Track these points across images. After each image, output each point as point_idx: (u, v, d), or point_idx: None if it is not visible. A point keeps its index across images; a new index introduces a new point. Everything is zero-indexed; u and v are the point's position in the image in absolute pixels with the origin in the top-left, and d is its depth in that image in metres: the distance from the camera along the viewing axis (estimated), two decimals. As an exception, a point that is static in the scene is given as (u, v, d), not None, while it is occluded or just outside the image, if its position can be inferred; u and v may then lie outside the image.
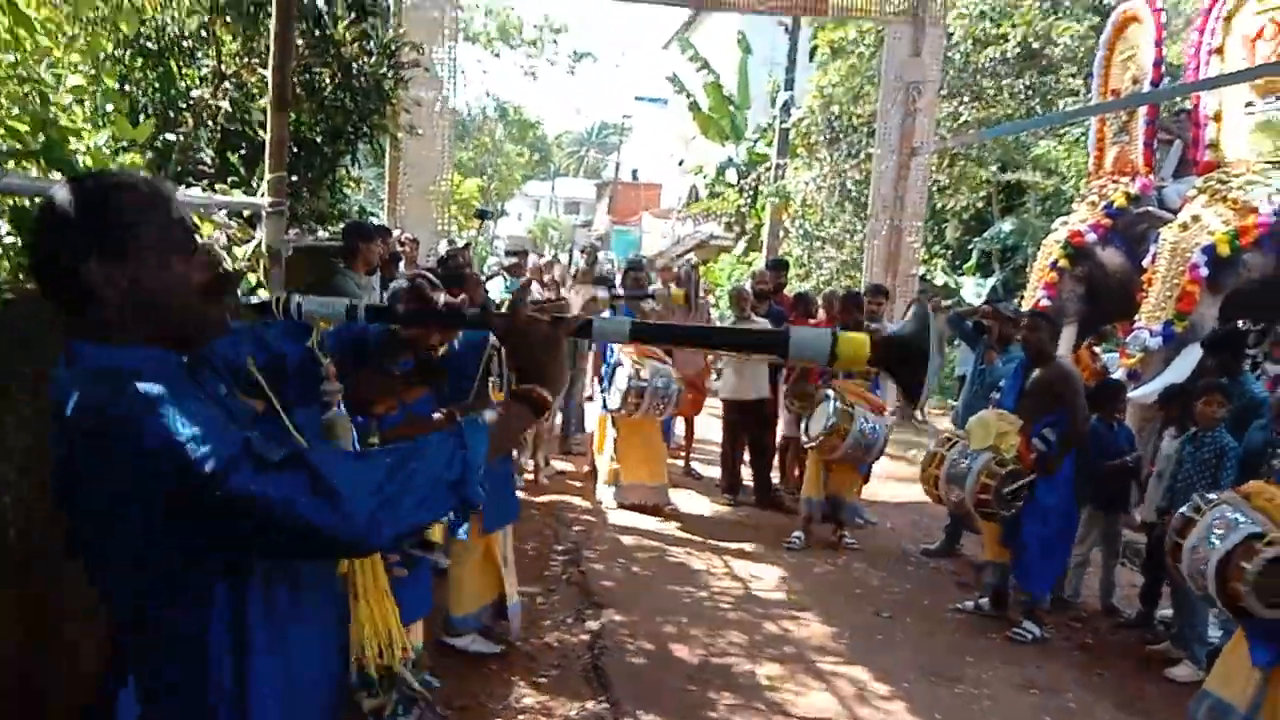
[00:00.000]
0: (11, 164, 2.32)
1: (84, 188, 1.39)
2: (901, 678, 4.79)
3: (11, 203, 2.44)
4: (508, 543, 4.80)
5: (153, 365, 1.35)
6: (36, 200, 2.36)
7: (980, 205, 16.78)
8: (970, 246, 16.89)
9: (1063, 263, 8.89)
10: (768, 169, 17.84)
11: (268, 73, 4.54)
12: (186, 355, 1.46)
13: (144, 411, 1.26)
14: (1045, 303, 8.75)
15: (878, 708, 4.47)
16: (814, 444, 6.62)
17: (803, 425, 6.85)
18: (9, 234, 2.27)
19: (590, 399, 9.64)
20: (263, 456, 1.27)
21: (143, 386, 1.29)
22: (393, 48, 6.09)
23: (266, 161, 4.30)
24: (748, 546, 6.85)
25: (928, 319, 1.54)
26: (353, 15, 5.52)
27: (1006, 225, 16.06)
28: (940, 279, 16.84)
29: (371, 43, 5.84)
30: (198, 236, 1.48)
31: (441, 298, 2.85)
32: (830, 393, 6.60)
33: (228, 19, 5.19)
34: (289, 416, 1.66)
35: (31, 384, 2.16)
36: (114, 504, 1.30)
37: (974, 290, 15.72)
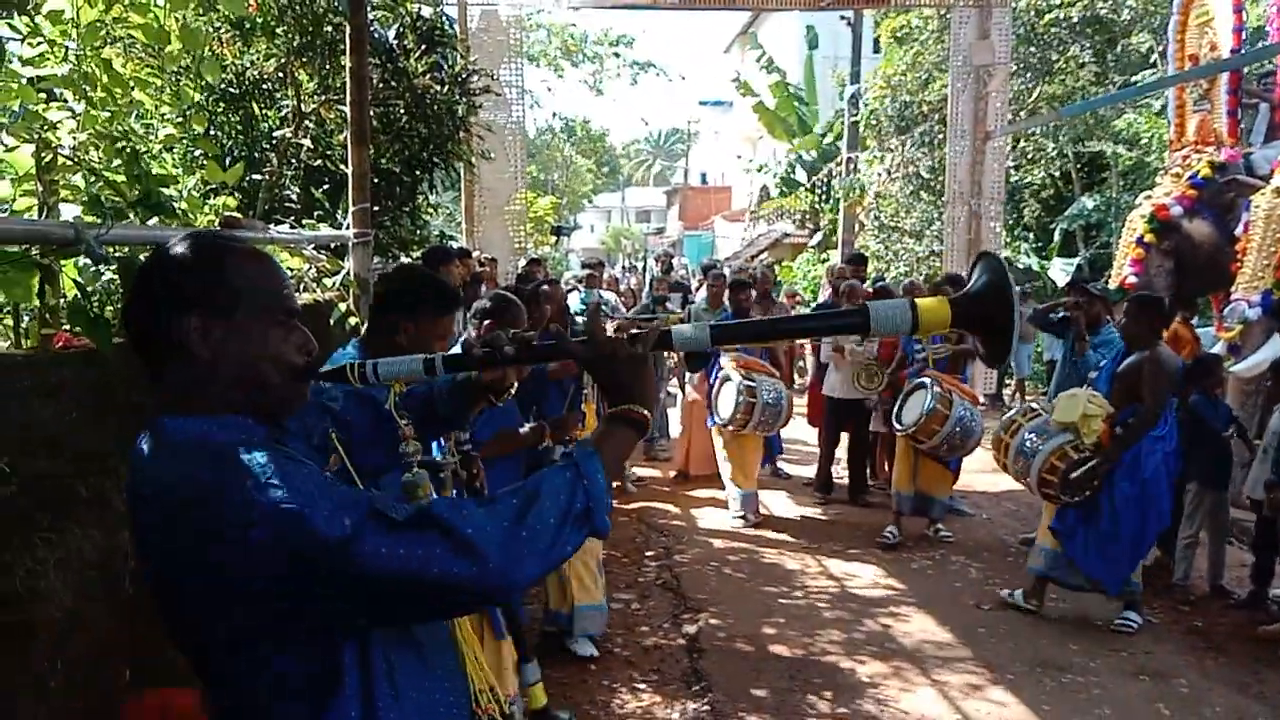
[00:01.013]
0: (113, 215, 2.48)
1: (202, 243, 1.39)
2: (1007, 670, 4.72)
3: (116, 252, 2.59)
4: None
5: (242, 434, 1.31)
6: (137, 249, 2.50)
7: (1059, 183, 16.38)
8: (1052, 227, 16.49)
9: (1149, 238, 8.65)
10: (838, 164, 17.70)
11: (345, 109, 4.71)
12: (274, 424, 1.43)
13: (248, 482, 1.21)
14: (1133, 280, 8.53)
15: (983, 701, 4.42)
16: (909, 431, 6.47)
17: (894, 415, 6.74)
18: (118, 284, 2.41)
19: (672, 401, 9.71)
20: (390, 516, 1.24)
21: (244, 456, 1.24)
22: (463, 75, 6.25)
23: (350, 194, 4.46)
24: (840, 545, 6.82)
25: (1001, 267, 1.49)
26: (423, 47, 5.68)
27: (1089, 202, 15.63)
28: (1024, 262, 16.48)
29: (442, 72, 5.99)
30: (297, 319, 1.46)
31: (509, 332, 2.88)
32: (926, 380, 6.50)
33: (304, 59, 5.39)
34: (364, 483, 1.65)
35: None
36: (215, 588, 1.23)
37: (1061, 271, 15.34)
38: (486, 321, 3.67)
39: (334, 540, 1.19)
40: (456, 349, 1.77)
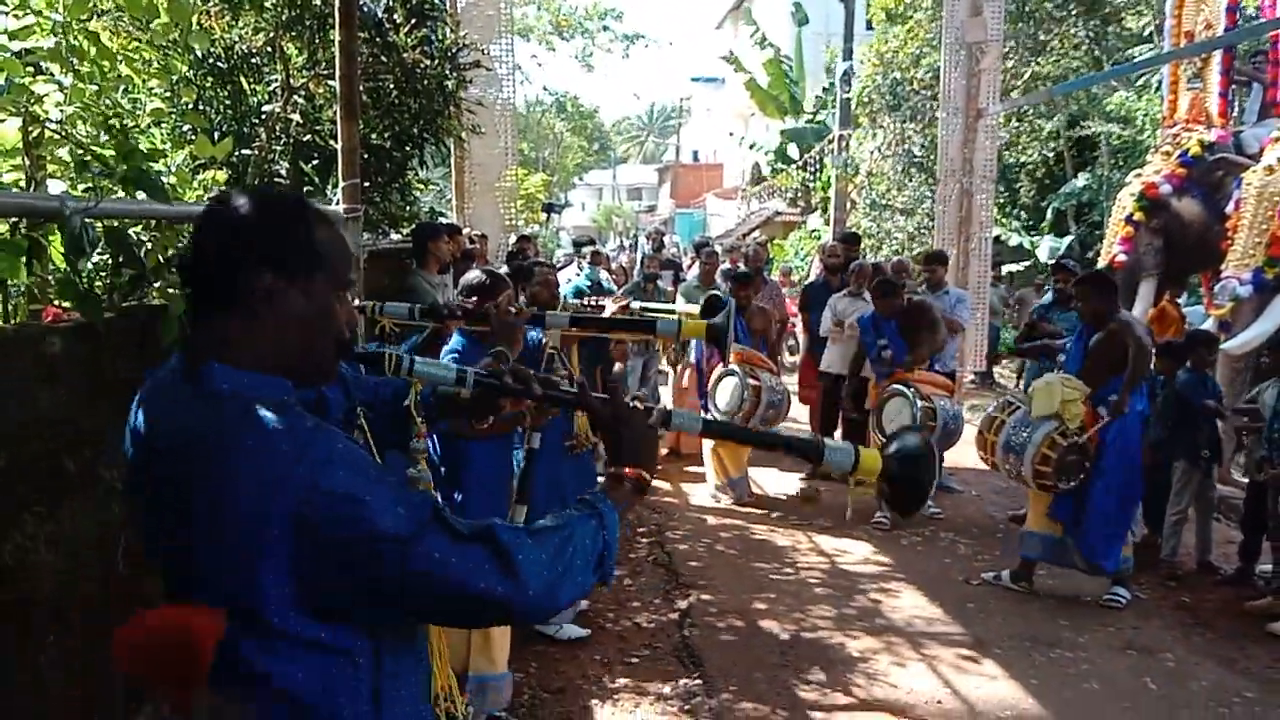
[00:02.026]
0: (105, 189, 2.45)
1: (286, 203, 1.40)
2: (995, 645, 4.76)
3: (106, 225, 2.56)
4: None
5: (287, 397, 1.32)
6: (123, 223, 2.48)
7: (1052, 161, 16.38)
8: (1044, 205, 16.51)
9: (1138, 216, 8.64)
10: (830, 141, 17.65)
11: (335, 83, 4.67)
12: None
13: (312, 454, 1.22)
14: (1122, 258, 8.52)
15: (973, 675, 4.46)
16: None
17: (871, 423, 6.63)
18: (107, 255, 2.39)
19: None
20: (455, 527, 1.30)
21: (309, 426, 1.26)
22: (453, 50, 6.19)
23: (340, 170, 4.43)
24: (832, 522, 6.85)
25: (925, 451, 1.69)
26: (412, 21, 5.62)
27: (1080, 181, 15.65)
28: (1015, 240, 16.50)
29: (432, 46, 5.93)
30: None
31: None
32: (906, 390, 6.31)
33: (293, 33, 5.33)
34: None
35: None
36: (233, 548, 1.22)
37: (1050, 250, 15.38)
38: (474, 298, 3.66)
39: (391, 535, 1.22)
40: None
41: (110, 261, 2.36)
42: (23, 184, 2.78)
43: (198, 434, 1.24)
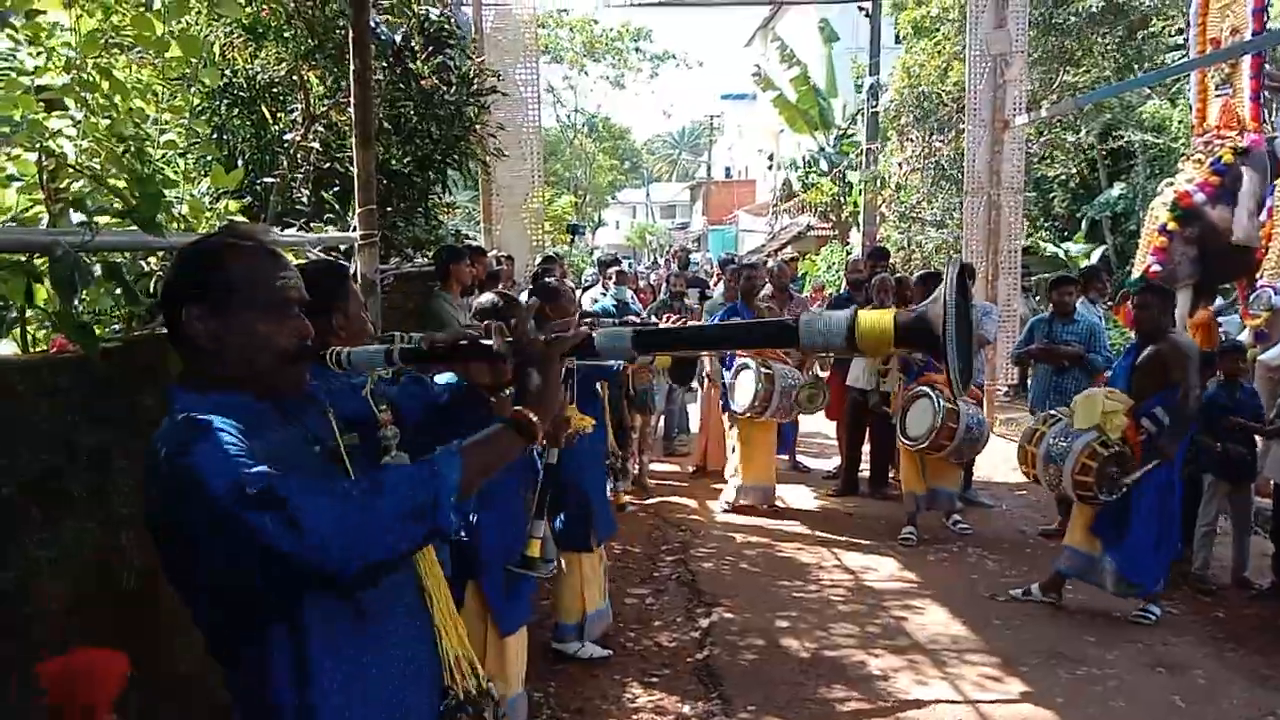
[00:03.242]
0: (112, 221, 2.52)
1: (205, 243, 1.57)
2: (1021, 662, 4.70)
3: (102, 258, 2.61)
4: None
5: (229, 407, 1.45)
6: (128, 255, 2.54)
7: (1085, 172, 16.21)
8: (1079, 215, 16.34)
9: (1172, 225, 8.53)
10: (859, 155, 17.61)
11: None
12: (280, 401, 1.58)
13: (192, 443, 1.37)
14: (1156, 268, 8.42)
15: (997, 693, 4.40)
16: (920, 446, 6.41)
17: (898, 426, 6.66)
18: (107, 288, 2.46)
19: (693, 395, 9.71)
20: (245, 490, 1.33)
21: (198, 418, 1.40)
22: (470, 75, 6.27)
23: (356, 196, 4.50)
24: (858, 538, 6.80)
25: (955, 293, 1.37)
26: (430, 49, 5.71)
27: (1115, 190, 15.48)
28: (1049, 251, 16.33)
29: (450, 73, 6.02)
30: (297, 307, 1.59)
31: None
32: (929, 391, 6.39)
33: (313, 63, 5.43)
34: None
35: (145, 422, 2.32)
36: (176, 542, 1.42)
37: (1085, 259, 15.21)
38: (487, 321, 3.69)
39: (212, 496, 1.32)
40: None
41: (110, 293, 2.43)
42: (43, 217, 2.87)
43: (153, 449, 1.42)
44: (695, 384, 9.62)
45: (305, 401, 1.65)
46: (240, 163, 5.23)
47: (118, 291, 2.39)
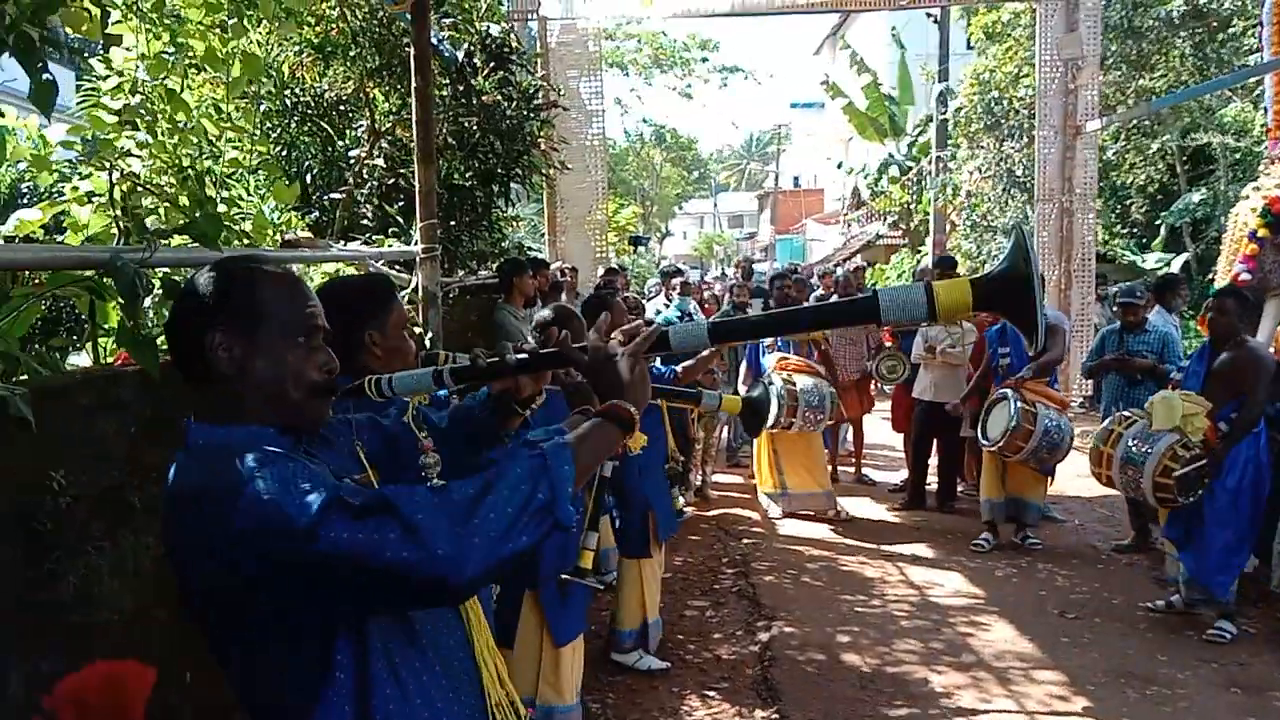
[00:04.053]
0: (182, 240, 2.62)
1: (228, 267, 1.48)
2: (1088, 681, 4.57)
3: (169, 275, 2.70)
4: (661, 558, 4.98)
5: (256, 441, 1.37)
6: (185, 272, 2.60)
7: (1163, 177, 15.76)
8: (1158, 222, 15.87)
9: (1262, 232, 8.20)
10: (929, 163, 17.38)
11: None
12: (302, 436, 1.50)
13: (241, 483, 1.27)
14: (1245, 277, 8.11)
15: (1062, 713, 4.28)
16: (995, 447, 6.33)
17: (978, 428, 6.60)
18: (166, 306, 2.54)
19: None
20: (351, 503, 1.27)
21: (243, 456, 1.31)
22: (530, 91, 6.35)
23: (418, 211, 4.58)
24: (924, 552, 6.69)
25: (1024, 246, 1.42)
26: (491, 64, 5.79)
27: (1195, 196, 15.01)
28: (1126, 259, 15.90)
29: (511, 88, 6.10)
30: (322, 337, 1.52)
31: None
32: (1009, 392, 6.33)
33: (379, 80, 5.55)
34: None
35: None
36: (217, 584, 1.31)
37: (1158, 264, 14.78)
38: (552, 329, 3.72)
39: (302, 526, 1.23)
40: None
41: (167, 309, 2.51)
42: (115, 232, 2.98)
43: (180, 484, 1.36)
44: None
45: (326, 435, 1.60)
46: (308, 179, 5.36)
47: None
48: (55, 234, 3.41)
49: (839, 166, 27.05)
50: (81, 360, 3.15)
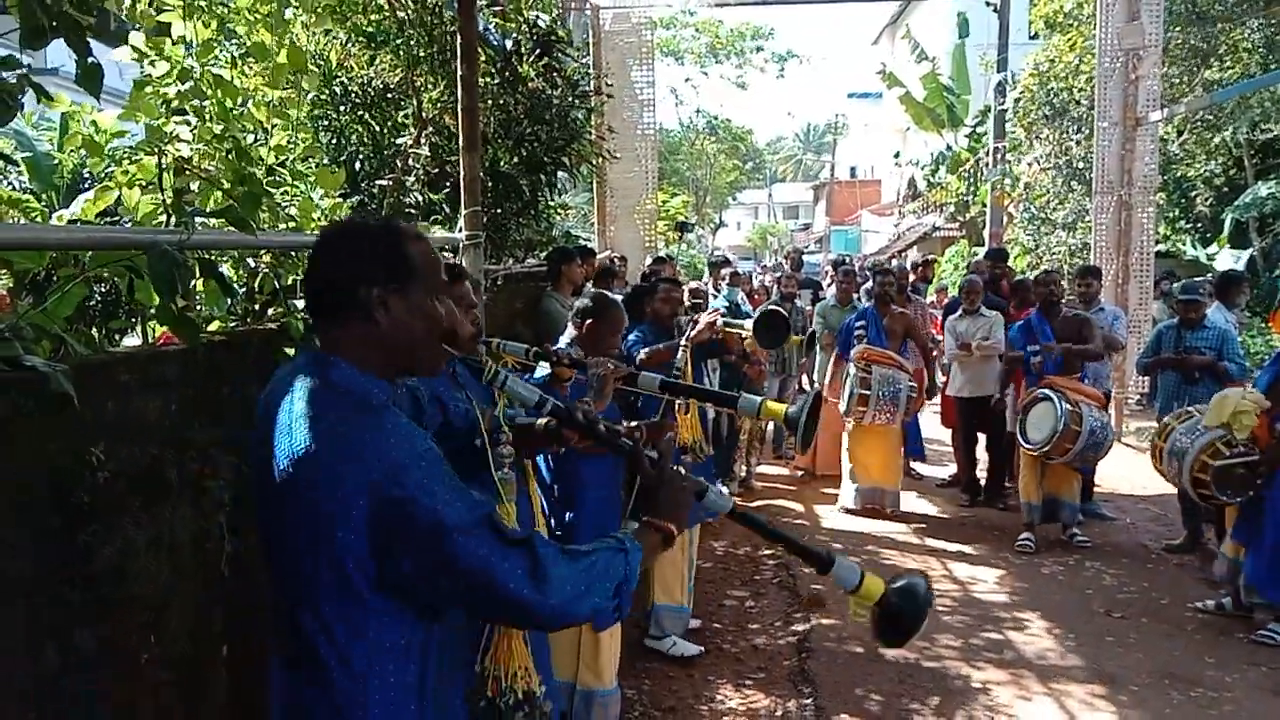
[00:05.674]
0: (221, 223, 2.68)
1: (386, 228, 1.63)
2: (1131, 682, 4.49)
3: (199, 256, 2.76)
4: (694, 544, 5.05)
5: (389, 400, 1.56)
6: (237, 254, 2.66)
7: (1229, 171, 15.32)
8: (1223, 217, 15.44)
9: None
10: (986, 154, 17.09)
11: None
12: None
13: (403, 448, 1.44)
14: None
15: (1101, 713, 4.22)
16: (1041, 451, 6.20)
17: (1019, 430, 6.49)
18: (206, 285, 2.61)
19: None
20: (502, 530, 1.48)
21: (404, 426, 1.50)
22: (576, 78, 6.36)
23: (462, 198, 4.62)
24: (969, 548, 6.61)
25: (924, 596, 1.84)
26: (537, 52, 5.82)
27: (1263, 190, 14.56)
28: (1189, 254, 15.51)
29: (557, 75, 6.11)
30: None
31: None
32: (1050, 393, 6.20)
33: (426, 68, 5.61)
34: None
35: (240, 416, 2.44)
36: (333, 528, 1.41)
37: (1229, 264, 14.36)
38: (588, 321, 3.75)
39: (449, 523, 1.41)
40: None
41: (204, 289, 2.58)
42: (162, 216, 3.06)
43: (314, 416, 1.47)
44: (807, 385, 9.55)
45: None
46: (356, 166, 5.44)
47: (215, 287, 2.54)
48: (116, 219, 3.50)
49: (895, 157, 26.70)
50: (134, 342, 3.24)
